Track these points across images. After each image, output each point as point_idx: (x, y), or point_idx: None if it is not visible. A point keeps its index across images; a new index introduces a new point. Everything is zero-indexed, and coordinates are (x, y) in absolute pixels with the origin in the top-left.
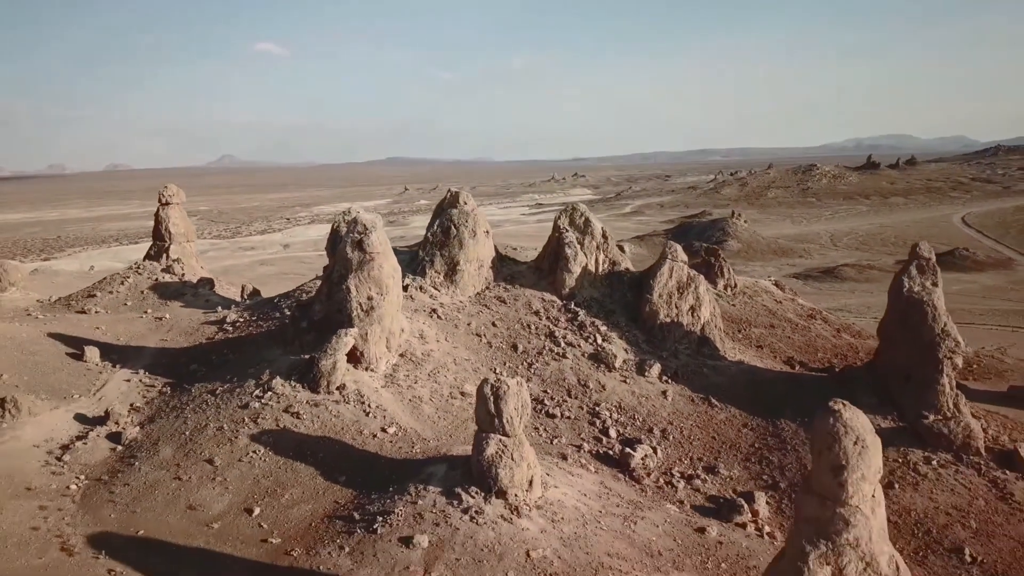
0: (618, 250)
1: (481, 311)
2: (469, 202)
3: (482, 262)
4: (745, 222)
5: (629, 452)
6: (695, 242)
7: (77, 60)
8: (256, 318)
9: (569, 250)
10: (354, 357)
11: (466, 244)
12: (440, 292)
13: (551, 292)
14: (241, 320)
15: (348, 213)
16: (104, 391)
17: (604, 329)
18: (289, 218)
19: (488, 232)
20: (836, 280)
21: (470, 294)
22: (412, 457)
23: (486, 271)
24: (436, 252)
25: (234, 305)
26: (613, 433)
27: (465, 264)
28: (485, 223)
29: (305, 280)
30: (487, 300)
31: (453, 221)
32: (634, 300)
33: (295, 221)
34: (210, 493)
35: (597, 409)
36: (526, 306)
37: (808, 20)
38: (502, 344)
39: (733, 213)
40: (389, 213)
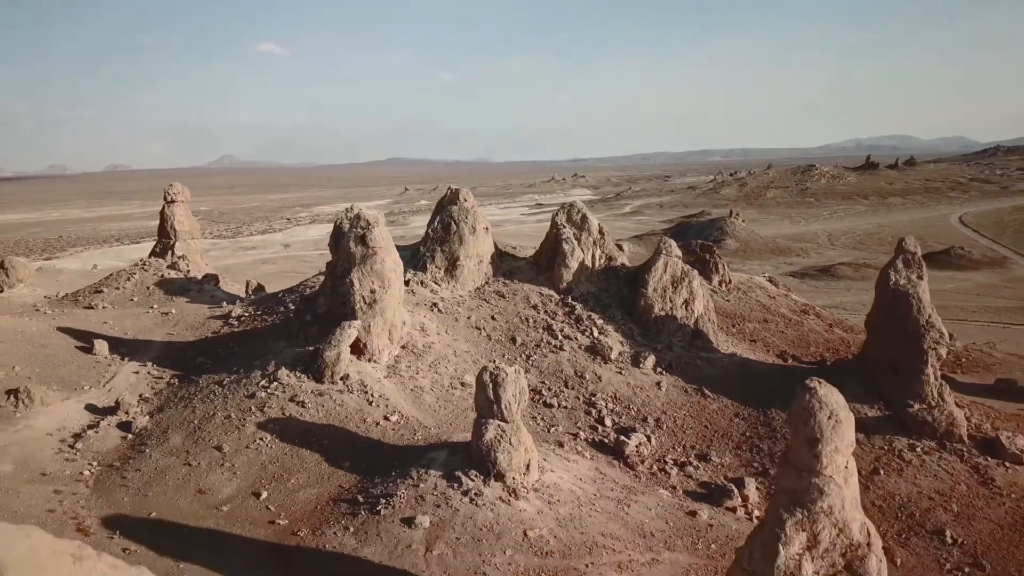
0: (614, 246)
1: (481, 305)
2: (469, 199)
3: (482, 258)
4: (743, 221)
5: (624, 440)
6: (693, 241)
7: (77, 60)
8: (261, 312)
9: (566, 246)
10: (357, 348)
11: (466, 240)
12: (441, 287)
13: (549, 287)
14: (246, 315)
15: (351, 210)
16: (113, 383)
17: (600, 322)
18: (290, 218)
19: (487, 228)
20: (832, 278)
21: (470, 289)
22: (414, 444)
23: (485, 266)
24: (437, 248)
25: (239, 300)
26: (608, 422)
27: (465, 259)
28: (484, 219)
29: (307, 278)
30: (486, 294)
31: (453, 217)
32: (630, 294)
33: (295, 221)
34: (219, 478)
35: (593, 399)
36: (524, 300)
37: (808, 21)
38: (501, 337)
39: (731, 212)
40: (390, 213)
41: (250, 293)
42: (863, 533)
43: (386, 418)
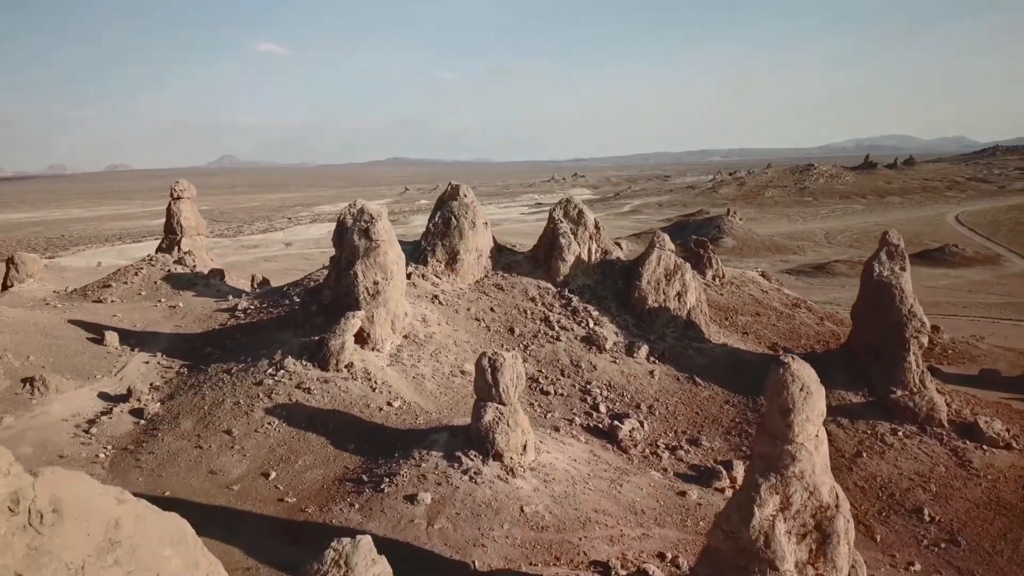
0: (610, 240)
1: (480, 297)
2: (469, 194)
3: (481, 252)
4: (741, 220)
5: (617, 425)
6: (691, 238)
7: (78, 60)
8: (267, 305)
9: (563, 240)
10: (361, 338)
11: (466, 234)
12: (441, 280)
13: (546, 280)
14: (252, 307)
15: (354, 204)
16: (124, 372)
17: (596, 314)
18: (291, 217)
19: (487, 223)
20: (828, 275)
21: (470, 282)
22: (416, 427)
23: (485, 260)
24: (437, 242)
25: (245, 294)
26: (603, 409)
27: (465, 253)
28: (484, 215)
29: (311, 271)
30: (486, 287)
31: (453, 212)
32: (625, 287)
33: (296, 220)
34: (229, 460)
35: (588, 387)
36: (522, 293)
37: (808, 21)
38: (500, 328)
39: (729, 211)
40: (390, 212)
41: (256, 287)
42: (832, 496)
43: (389, 404)
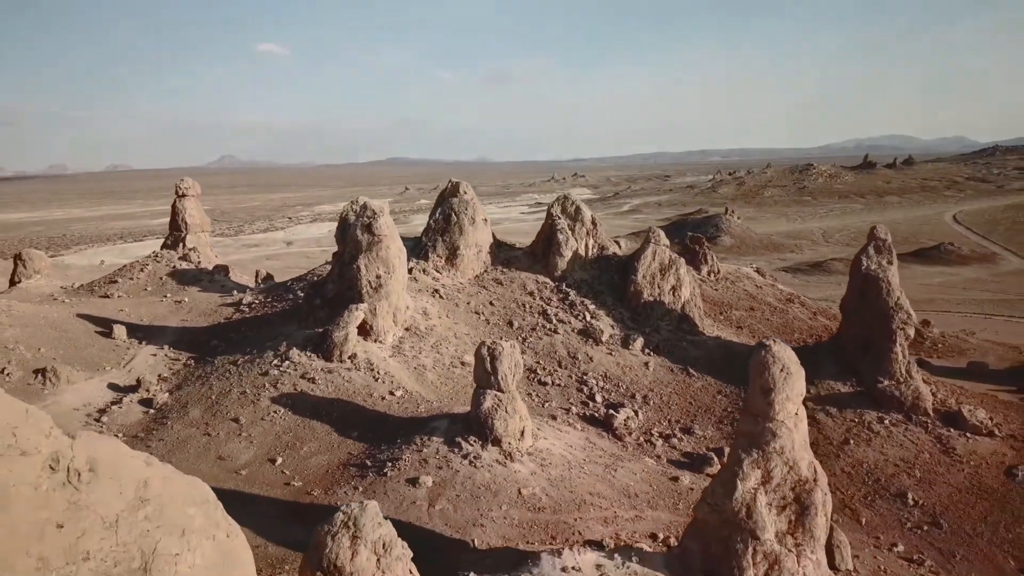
0: (606, 236)
1: (480, 291)
2: (468, 191)
3: (480, 247)
4: (738, 219)
5: (613, 414)
6: (687, 235)
7: (78, 60)
8: (271, 300)
9: (561, 236)
10: (364, 330)
11: (466, 230)
12: (442, 274)
13: (544, 275)
14: (256, 302)
15: (357, 201)
16: (133, 364)
17: (592, 307)
18: (291, 217)
19: (486, 220)
20: (824, 273)
21: (469, 276)
22: (417, 415)
23: (484, 255)
24: (438, 238)
25: (249, 289)
26: (599, 398)
27: (465, 249)
28: (483, 211)
29: (314, 267)
30: (485, 282)
31: (454, 209)
32: (621, 281)
33: (297, 220)
34: (237, 446)
35: (585, 378)
36: (521, 287)
37: (809, 21)
38: (499, 321)
39: (727, 210)
40: (390, 212)
41: (260, 282)
42: (810, 470)
43: (391, 393)
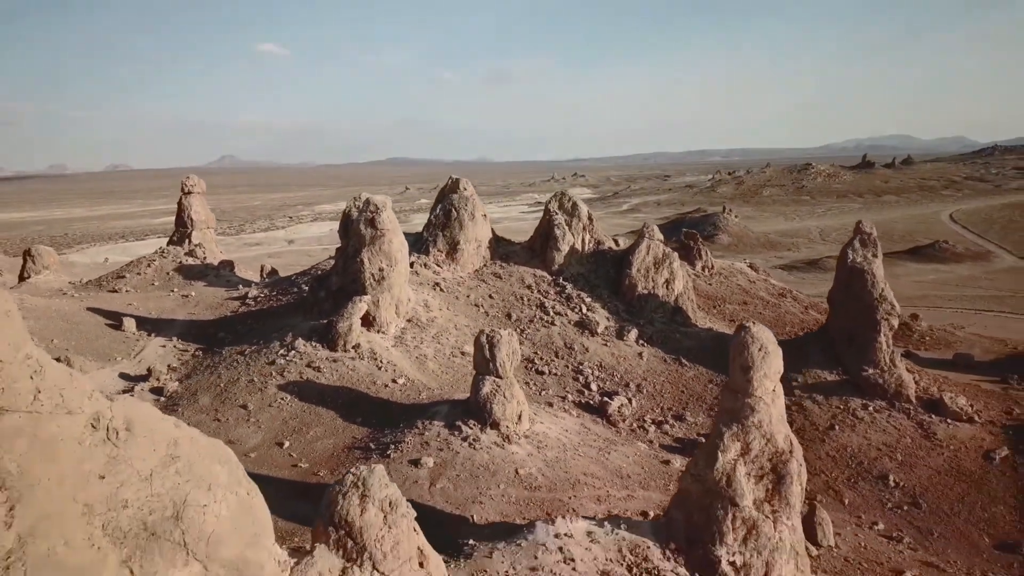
0: (603, 231)
1: (479, 285)
2: (468, 188)
3: (480, 242)
4: (736, 217)
5: (607, 401)
6: (682, 231)
7: (78, 60)
8: (276, 293)
9: (558, 231)
10: (367, 321)
11: (466, 225)
12: (442, 268)
13: (542, 269)
14: (262, 295)
15: (360, 197)
16: (143, 355)
17: (589, 300)
18: (292, 216)
19: (486, 215)
20: (820, 270)
21: (469, 270)
22: (419, 402)
23: (484, 250)
24: (439, 233)
25: (254, 283)
26: (594, 387)
27: (465, 244)
28: (483, 207)
29: (317, 262)
30: (485, 276)
31: (454, 205)
32: (616, 275)
33: (298, 219)
34: (245, 431)
35: (581, 367)
36: (519, 281)
37: (809, 21)
38: (498, 313)
39: (724, 208)
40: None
41: (264, 277)
42: (786, 443)
43: (394, 381)
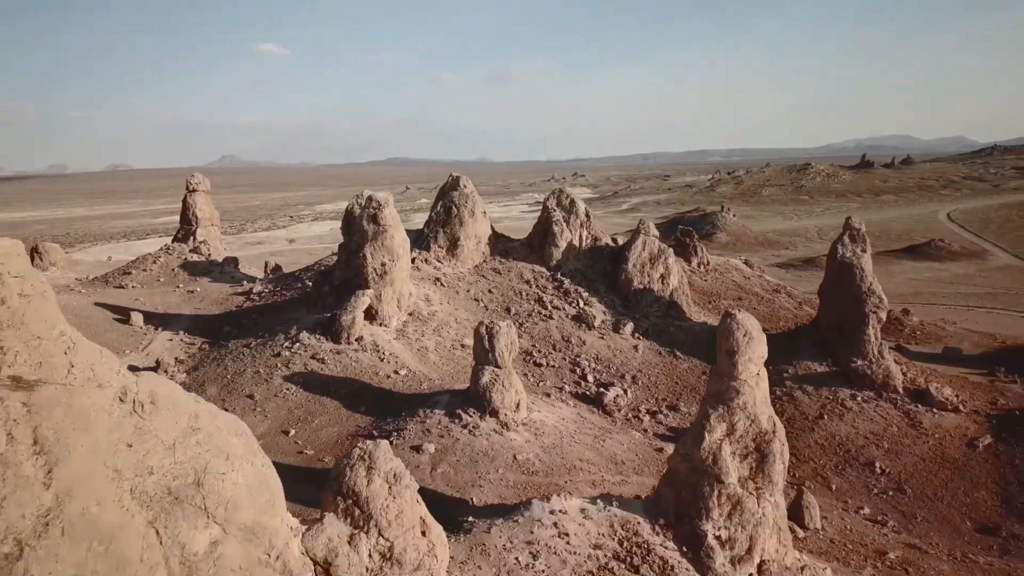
0: (600, 227)
1: (479, 280)
2: (468, 185)
3: (480, 238)
4: (735, 216)
5: (603, 392)
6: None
7: (78, 60)
8: (280, 288)
9: (556, 227)
10: (370, 314)
11: (466, 222)
12: (443, 264)
13: (540, 264)
14: (266, 291)
15: (362, 193)
16: (151, 348)
17: (586, 295)
18: (292, 215)
19: (485, 212)
20: (816, 268)
21: (469, 266)
22: (420, 392)
23: (483, 246)
24: (439, 229)
25: (259, 279)
26: (591, 378)
27: (465, 240)
28: (483, 204)
29: (320, 258)
30: (484, 271)
31: (454, 202)
32: (612, 270)
33: (298, 219)
34: (252, 420)
35: (578, 360)
36: (518, 276)
37: (809, 21)
38: (497, 307)
39: (723, 207)
40: None
41: (268, 273)
42: (770, 424)
43: (396, 372)
